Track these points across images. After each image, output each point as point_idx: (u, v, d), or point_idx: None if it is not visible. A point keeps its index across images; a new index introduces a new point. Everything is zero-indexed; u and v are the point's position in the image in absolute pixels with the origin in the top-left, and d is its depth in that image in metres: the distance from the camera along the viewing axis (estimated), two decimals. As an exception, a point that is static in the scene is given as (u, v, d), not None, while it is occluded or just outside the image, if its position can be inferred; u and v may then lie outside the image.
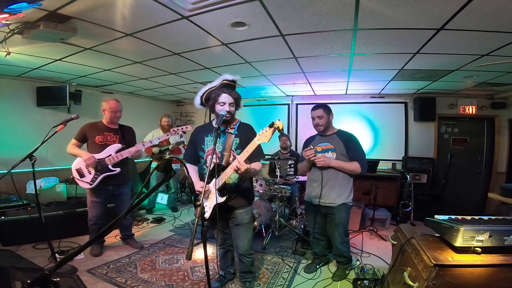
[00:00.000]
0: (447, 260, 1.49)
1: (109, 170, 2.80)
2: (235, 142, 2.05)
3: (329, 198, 2.50)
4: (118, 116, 2.92)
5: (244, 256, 2.24)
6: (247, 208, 2.18)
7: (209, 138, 2.11)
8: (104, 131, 2.88)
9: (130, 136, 3.04)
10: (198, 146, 2.17)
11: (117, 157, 2.80)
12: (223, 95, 1.99)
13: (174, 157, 1.40)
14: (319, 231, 2.74)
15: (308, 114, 2.84)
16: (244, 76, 4.03)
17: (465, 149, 4.92)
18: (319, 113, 2.54)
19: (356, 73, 3.77)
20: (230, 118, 2.03)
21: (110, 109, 2.86)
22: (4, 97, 3.96)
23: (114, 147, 2.83)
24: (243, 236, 2.18)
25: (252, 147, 1.76)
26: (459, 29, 2.14)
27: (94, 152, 2.79)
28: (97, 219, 2.90)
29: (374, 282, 2.35)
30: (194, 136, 2.22)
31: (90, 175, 2.78)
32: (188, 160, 2.22)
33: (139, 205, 3.14)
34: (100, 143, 2.84)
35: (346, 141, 2.50)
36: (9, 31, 2.23)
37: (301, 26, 2.25)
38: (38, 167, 2.54)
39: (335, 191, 2.49)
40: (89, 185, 2.78)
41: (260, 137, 1.70)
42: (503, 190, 2.83)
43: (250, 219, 2.20)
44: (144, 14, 2.06)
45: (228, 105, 1.99)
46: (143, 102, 6.08)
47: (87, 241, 1.35)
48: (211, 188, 2.01)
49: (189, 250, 1.24)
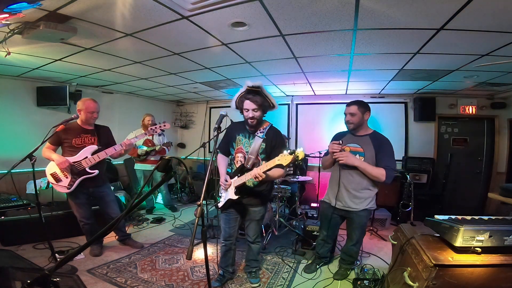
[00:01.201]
0: (447, 260, 1.49)
1: (87, 172, 2.70)
2: (261, 147, 2.17)
3: (346, 202, 2.39)
4: (94, 117, 2.79)
5: (252, 243, 2.43)
6: (261, 208, 2.32)
7: (240, 137, 2.27)
8: (81, 133, 2.76)
9: (107, 136, 2.95)
10: (230, 142, 2.33)
11: (94, 159, 2.69)
12: (246, 102, 2.11)
13: (174, 158, 1.40)
14: (329, 234, 2.65)
15: (308, 113, 2.82)
16: (244, 76, 4.03)
17: (465, 149, 4.91)
18: (352, 110, 2.35)
19: (356, 73, 3.76)
20: (256, 123, 2.16)
21: (87, 110, 2.72)
22: (4, 97, 3.96)
23: (90, 149, 2.72)
24: (253, 228, 2.38)
25: (271, 164, 1.86)
26: (459, 29, 2.14)
27: (70, 155, 2.68)
28: (87, 219, 2.87)
29: (374, 282, 2.35)
30: (229, 130, 2.38)
31: (67, 179, 2.66)
32: (221, 151, 2.40)
33: (139, 205, 3.14)
34: (78, 145, 2.72)
35: (379, 145, 2.30)
36: (9, 31, 2.23)
37: (301, 26, 2.25)
38: (38, 167, 2.53)
39: (353, 195, 2.35)
40: (67, 189, 2.68)
41: (281, 159, 1.80)
42: (503, 190, 2.83)
43: (262, 216, 2.38)
44: (144, 14, 2.06)
45: (252, 111, 2.10)
46: (143, 102, 6.08)
47: (87, 241, 1.35)
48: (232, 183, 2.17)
49: (189, 250, 1.24)
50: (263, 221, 2.45)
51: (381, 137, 2.38)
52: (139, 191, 3.44)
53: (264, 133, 2.17)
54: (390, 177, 2.22)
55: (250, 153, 2.15)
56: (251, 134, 2.22)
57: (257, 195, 2.27)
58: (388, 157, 2.27)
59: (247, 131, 2.26)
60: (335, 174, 2.50)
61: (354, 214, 2.40)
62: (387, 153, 2.28)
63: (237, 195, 2.14)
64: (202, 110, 6.87)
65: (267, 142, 2.18)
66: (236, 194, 2.14)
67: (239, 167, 2.17)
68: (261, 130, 2.19)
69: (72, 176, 2.67)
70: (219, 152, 2.42)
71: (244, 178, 2.08)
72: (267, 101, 2.14)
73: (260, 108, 2.11)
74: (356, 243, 2.54)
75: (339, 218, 2.57)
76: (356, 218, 2.42)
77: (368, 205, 2.38)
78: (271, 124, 2.26)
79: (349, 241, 2.57)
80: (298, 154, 1.75)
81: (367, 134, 2.39)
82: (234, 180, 2.17)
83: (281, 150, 2.11)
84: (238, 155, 2.25)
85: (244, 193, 2.19)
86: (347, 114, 2.39)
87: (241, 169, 2.15)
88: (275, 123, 2.40)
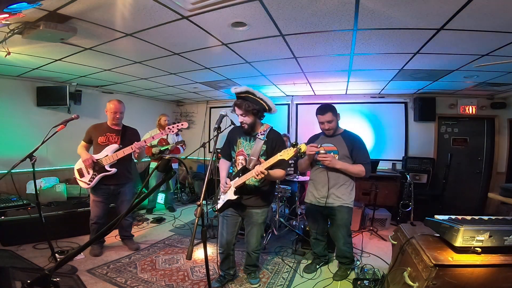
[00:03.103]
0: (447, 260, 1.49)
1: (106, 170, 2.83)
2: (262, 149, 2.18)
3: (334, 200, 2.46)
4: (118, 117, 2.92)
5: (253, 252, 2.40)
6: (264, 209, 2.30)
7: (241, 140, 2.30)
8: (106, 132, 2.93)
9: (132, 137, 3.03)
10: (232, 146, 2.35)
11: (113, 158, 2.81)
12: (235, 108, 2.18)
13: (173, 157, 1.40)
14: (320, 232, 2.73)
15: (308, 113, 2.83)
16: (244, 76, 4.03)
17: (465, 149, 4.92)
18: (328, 118, 2.42)
19: (356, 73, 3.77)
20: (248, 127, 2.20)
21: (110, 110, 2.90)
22: (4, 97, 3.96)
23: (111, 148, 2.85)
24: (256, 234, 2.33)
25: (273, 160, 1.91)
26: (459, 29, 2.14)
27: (97, 153, 2.85)
28: (98, 219, 2.92)
29: (374, 282, 2.35)
30: (230, 135, 2.41)
31: (89, 175, 2.82)
32: (223, 156, 2.43)
33: (139, 205, 3.14)
34: (102, 143, 2.88)
35: (351, 143, 2.43)
36: (9, 31, 2.23)
37: (301, 26, 2.25)
38: (38, 167, 2.53)
39: (339, 193, 2.45)
40: (87, 185, 2.82)
41: (283, 154, 1.84)
42: (503, 190, 2.83)
43: (264, 220, 2.34)
44: (144, 14, 2.06)
45: (241, 116, 2.18)
46: (143, 102, 6.08)
47: (87, 241, 1.35)
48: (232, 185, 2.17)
49: (189, 250, 1.24)
50: (264, 226, 2.39)
51: (352, 135, 2.51)
52: (139, 191, 3.45)
53: (265, 135, 2.19)
54: (368, 171, 2.39)
55: (251, 154, 2.17)
56: (252, 137, 2.24)
57: (258, 195, 2.25)
58: (362, 154, 2.42)
59: (247, 134, 2.28)
60: (317, 173, 2.56)
61: (337, 211, 2.48)
62: (360, 150, 2.43)
63: (237, 195, 2.13)
64: (202, 110, 6.88)
65: (267, 144, 2.20)
66: (236, 194, 2.14)
67: (241, 169, 2.17)
68: (261, 132, 2.21)
69: (93, 173, 2.82)
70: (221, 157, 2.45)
71: (244, 177, 2.08)
72: (259, 104, 2.15)
73: (247, 113, 2.14)
74: (345, 242, 2.57)
75: (324, 215, 2.64)
76: (338, 214, 2.48)
77: (349, 200, 2.48)
78: (271, 127, 2.28)
79: (338, 243, 2.61)
80: (300, 147, 1.82)
81: (339, 133, 2.52)
82: (234, 181, 2.17)
83: None
84: (239, 157, 2.27)
85: (244, 193, 2.18)
86: (325, 122, 2.45)
87: (243, 170, 2.15)
88: (276, 122, 2.43)
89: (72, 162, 2.84)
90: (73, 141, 3.17)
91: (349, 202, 2.49)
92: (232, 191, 2.15)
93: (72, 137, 3.06)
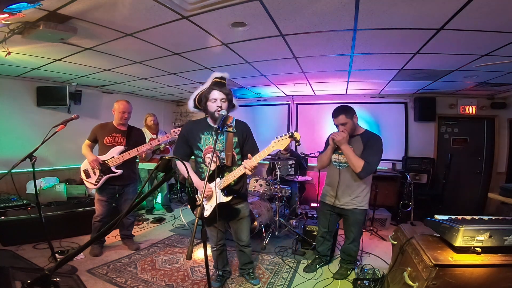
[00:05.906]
0: (447, 260, 1.49)
1: (112, 171, 2.85)
2: (234, 141, 2.09)
3: (345, 201, 2.45)
4: (125, 117, 2.94)
5: (245, 247, 2.38)
6: (246, 203, 2.30)
7: (205, 136, 2.09)
8: (112, 132, 2.93)
9: (137, 138, 3.05)
10: (193, 144, 2.12)
11: (119, 159, 2.83)
12: (214, 92, 2.01)
13: (174, 157, 1.40)
14: (329, 231, 2.70)
15: (308, 113, 2.82)
16: (244, 76, 4.03)
17: (465, 149, 4.91)
18: (342, 120, 2.33)
19: (356, 73, 3.76)
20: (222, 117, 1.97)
21: (118, 110, 2.91)
22: (4, 97, 3.96)
23: (118, 149, 2.87)
24: (245, 228, 2.32)
25: (266, 152, 1.83)
26: (459, 29, 2.14)
27: (103, 153, 2.86)
28: (103, 217, 2.94)
29: (374, 282, 2.35)
30: (187, 132, 2.15)
31: (95, 176, 2.85)
32: (181, 156, 2.12)
33: (139, 205, 3.14)
34: (108, 144, 2.89)
35: (366, 142, 2.34)
36: (9, 31, 2.22)
37: (301, 26, 2.25)
38: (38, 167, 2.53)
39: (350, 194, 2.43)
40: (94, 186, 2.85)
41: (276, 144, 1.77)
42: (503, 190, 2.83)
43: (249, 212, 2.34)
44: (144, 14, 2.06)
45: (220, 101, 2.00)
46: (143, 102, 6.07)
47: (87, 241, 1.34)
48: (213, 188, 2.02)
49: (189, 250, 1.24)
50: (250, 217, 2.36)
51: (370, 134, 2.42)
52: (139, 190, 3.46)
53: (232, 127, 2.07)
54: (365, 171, 2.25)
55: (226, 149, 2.03)
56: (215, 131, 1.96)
57: (243, 189, 2.23)
58: (371, 153, 2.29)
59: (211, 128, 2.08)
60: (331, 172, 2.55)
61: (349, 211, 2.47)
62: (371, 149, 2.30)
63: (231, 195, 2.01)
64: (202, 110, 6.86)
65: (238, 135, 2.09)
66: (230, 194, 2.02)
67: (217, 168, 2.00)
68: (228, 124, 2.06)
69: (100, 174, 2.84)
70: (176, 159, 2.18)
71: (232, 177, 1.96)
72: (231, 94, 2.06)
73: (227, 98, 2.02)
74: (353, 241, 2.57)
75: (336, 216, 2.63)
76: (351, 215, 2.48)
77: (362, 202, 2.44)
78: (234, 118, 2.17)
79: (347, 240, 2.61)
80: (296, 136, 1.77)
81: (358, 134, 2.43)
82: (217, 183, 2.02)
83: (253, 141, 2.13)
84: (208, 155, 2.06)
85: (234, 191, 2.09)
86: (338, 125, 2.38)
87: (221, 169, 2.01)
88: (276, 122, 2.40)
89: (72, 162, 2.85)
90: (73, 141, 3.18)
91: (363, 204, 2.45)
92: (220, 194, 2.02)
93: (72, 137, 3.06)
